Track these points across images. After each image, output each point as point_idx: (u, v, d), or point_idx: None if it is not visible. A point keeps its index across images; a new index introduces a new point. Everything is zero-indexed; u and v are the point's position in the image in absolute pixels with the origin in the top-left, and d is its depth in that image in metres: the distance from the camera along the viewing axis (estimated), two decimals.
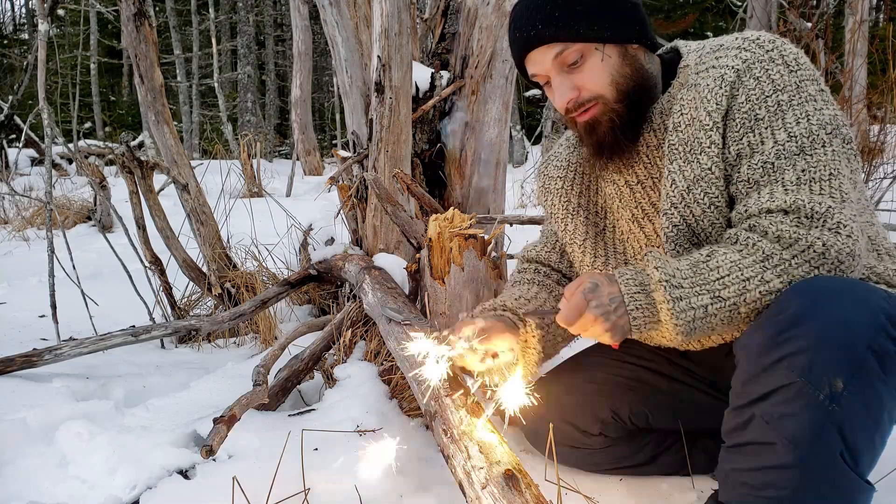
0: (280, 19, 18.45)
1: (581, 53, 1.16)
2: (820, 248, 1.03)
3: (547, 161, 1.47)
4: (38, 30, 2.61)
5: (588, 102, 1.19)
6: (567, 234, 1.39)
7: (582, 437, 1.45)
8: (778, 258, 1.04)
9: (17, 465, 1.49)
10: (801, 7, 5.56)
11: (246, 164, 6.33)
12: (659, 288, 1.07)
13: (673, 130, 1.18)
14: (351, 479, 1.34)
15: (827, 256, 1.02)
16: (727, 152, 1.14)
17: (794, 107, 1.10)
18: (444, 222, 1.70)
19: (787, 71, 1.11)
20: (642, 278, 1.10)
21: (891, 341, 0.95)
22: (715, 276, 1.06)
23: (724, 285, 1.05)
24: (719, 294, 1.05)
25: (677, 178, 1.17)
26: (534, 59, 1.19)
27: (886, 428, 0.99)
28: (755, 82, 1.11)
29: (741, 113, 1.12)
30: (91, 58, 13.90)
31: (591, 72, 1.17)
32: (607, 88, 1.18)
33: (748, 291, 1.04)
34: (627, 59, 1.19)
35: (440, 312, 1.80)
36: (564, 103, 1.19)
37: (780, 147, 1.09)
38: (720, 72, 1.15)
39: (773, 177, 1.09)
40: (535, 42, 1.17)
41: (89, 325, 2.52)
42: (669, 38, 1.46)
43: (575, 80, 1.18)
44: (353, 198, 2.59)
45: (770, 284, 1.04)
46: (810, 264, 1.03)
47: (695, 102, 1.16)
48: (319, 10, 2.64)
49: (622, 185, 1.30)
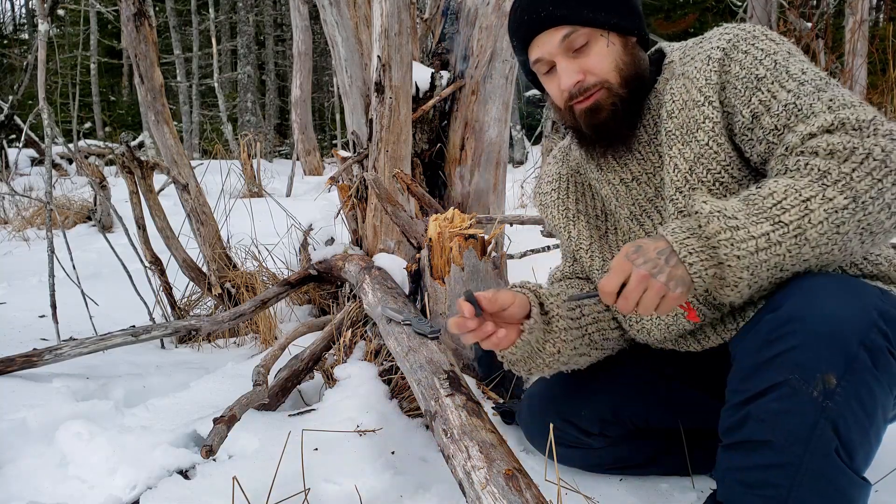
0: (280, 19, 18.45)
1: (588, 38, 1.17)
2: (880, 155, 0.95)
3: (539, 180, 1.48)
4: (38, 30, 2.61)
5: (592, 87, 1.19)
6: (573, 241, 1.39)
7: (582, 437, 1.45)
8: (837, 172, 0.96)
9: (17, 465, 1.49)
10: (801, 7, 5.56)
11: (246, 164, 6.33)
12: (712, 220, 0.97)
13: (667, 118, 1.19)
14: (351, 479, 1.34)
15: (889, 163, 0.95)
16: (741, 118, 1.11)
17: (792, 63, 1.09)
18: (444, 222, 1.70)
19: (774, 43, 1.11)
20: (690, 223, 1.01)
21: (882, 337, 0.95)
22: (770, 203, 0.97)
23: (783, 209, 0.96)
24: (780, 219, 0.95)
25: (678, 161, 1.16)
26: (540, 42, 1.19)
27: (881, 424, 0.99)
28: (744, 54, 1.11)
29: (739, 80, 1.11)
30: (91, 58, 13.90)
31: (598, 56, 1.18)
32: (612, 74, 1.18)
33: (811, 212, 0.94)
34: (628, 49, 1.20)
35: (440, 312, 1.81)
36: (570, 85, 1.19)
37: (795, 91, 1.06)
38: (706, 54, 1.15)
39: (802, 113, 1.04)
40: (546, 23, 1.17)
41: (89, 325, 2.52)
42: (669, 38, 1.46)
43: (581, 64, 1.18)
44: (353, 198, 2.59)
45: (835, 202, 0.95)
46: (873, 176, 0.95)
47: (685, 87, 1.17)
48: (319, 10, 2.65)
49: (617, 183, 1.31)
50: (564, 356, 1.30)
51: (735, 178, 1.14)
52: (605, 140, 1.25)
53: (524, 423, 1.54)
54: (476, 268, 1.78)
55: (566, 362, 1.33)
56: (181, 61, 14.94)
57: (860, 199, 0.95)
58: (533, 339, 1.25)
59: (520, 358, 1.28)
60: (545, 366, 1.30)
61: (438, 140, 2.65)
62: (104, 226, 5.04)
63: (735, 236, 0.95)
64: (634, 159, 1.27)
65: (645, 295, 1.00)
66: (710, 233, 0.97)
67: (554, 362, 1.30)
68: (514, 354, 1.26)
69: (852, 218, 0.95)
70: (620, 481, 1.48)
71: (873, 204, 0.95)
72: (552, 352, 1.28)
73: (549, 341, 1.27)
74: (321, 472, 1.37)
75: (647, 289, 1.00)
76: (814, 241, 0.95)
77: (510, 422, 1.70)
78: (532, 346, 1.26)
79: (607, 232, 1.37)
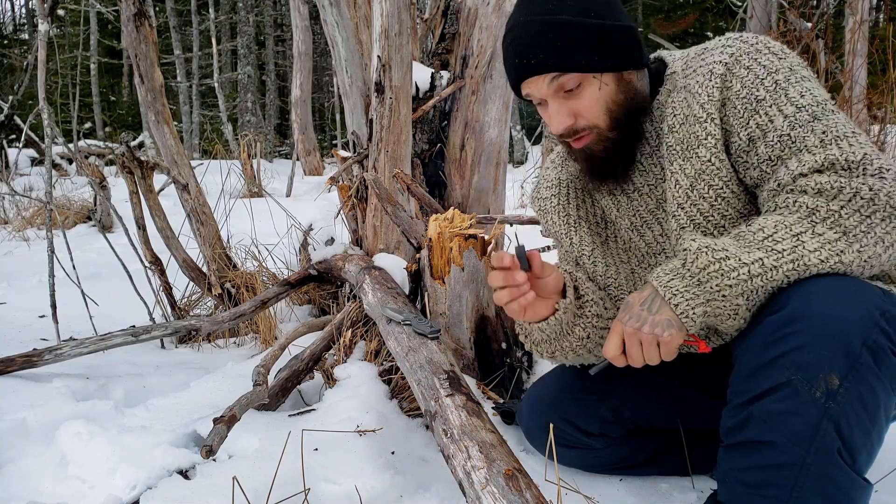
0: (280, 19, 18.45)
1: (580, 80, 1.15)
2: (867, 194, 0.97)
3: (537, 185, 1.47)
4: (38, 30, 2.61)
5: (582, 130, 1.19)
6: (574, 247, 1.39)
7: (582, 437, 1.45)
8: (825, 210, 0.98)
9: (17, 465, 1.49)
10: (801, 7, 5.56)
11: (246, 164, 6.33)
12: (700, 255, 1.01)
13: (669, 133, 1.19)
14: (351, 479, 1.34)
15: (877, 202, 0.97)
16: (738, 140, 1.12)
17: (793, 84, 1.09)
18: (444, 222, 1.70)
19: (777, 58, 1.11)
20: (674, 264, 1.04)
21: (885, 337, 0.95)
22: (761, 236, 1.00)
23: (776, 241, 0.99)
24: (773, 248, 0.98)
25: (679, 177, 1.17)
26: (531, 84, 1.18)
27: (883, 424, 0.99)
28: (746, 71, 1.11)
29: (740, 99, 1.11)
30: (91, 58, 13.90)
31: (589, 99, 1.16)
32: (602, 118, 1.18)
33: (804, 242, 0.98)
34: (622, 85, 1.18)
35: (440, 312, 1.81)
36: (561, 130, 1.19)
37: (792, 119, 1.06)
38: (708, 68, 1.15)
39: (795, 146, 1.06)
40: (535, 70, 1.15)
41: (89, 325, 2.52)
42: (669, 38, 1.47)
43: (571, 106, 1.17)
44: (353, 198, 2.59)
45: (825, 236, 0.98)
46: (861, 213, 0.98)
47: (686, 101, 1.16)
48: (319, 10, 2.64)
49: (619, 193, 1.31)
50: (592, 342, 1.31)
51: (735, 193, 1.15)
52: (600, 177, 1.26)
53: (524, 423, 1.54)
54: (476, 268, 1.78)
55: (591, 349, 1.32)
56: (181, 61, 14.94)
57: (850, 233, 0.98)
58: (565, 320, 1.26)
59: (547, 338, 1.28)
60: (570, 350, 1.31)
61: (438, 140, 2.65)
62: (104, 226, 5.04)
63: (724, 266, 0.99)
64: (637, 170, 1.27)
65: (643, 349, 1.05)
66: (698, 268, 1.01)
67: (580, 347, 1.30)
68: (543, 332, 1.26)
69: (849, 249, 0.98)
70: (620, 481, 1.48)
71: (865, 237, 0.98)
72: (581, 336, 1.29)
73: (580, 325, 1.29)
74: (321, 472, 1.37)
75: (641, 342, 1.05)
76: (815, 266, 0.98)
77: (510, 422, 1.70)
78: (563, 326, 1.26)
79: (607, 239, 1.37)
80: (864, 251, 0.98)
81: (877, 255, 0.99)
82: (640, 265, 1.33)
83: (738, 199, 1.15)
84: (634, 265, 1.34)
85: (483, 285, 1.83)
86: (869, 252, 0.99)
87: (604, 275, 1.36)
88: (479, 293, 1.84)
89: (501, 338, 1.94)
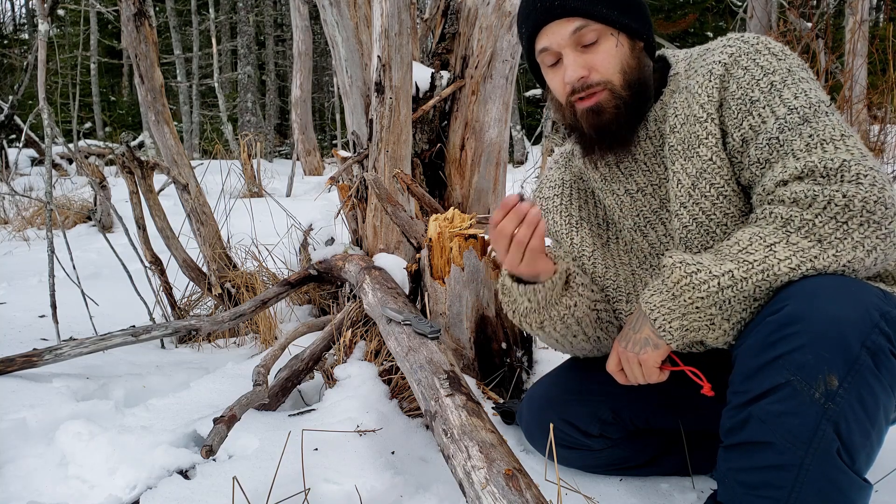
0: (280, 19, 18.45)
1: (598, 35, 1.17)
2: (841, 201, 0.99)
3: (540, 185, 1.48)
4: (38, 30, 2.61)
5: (596, 86, 1.19)
6: (575, 248, 1.39)
7: (582, 438, 1.45)
8: (799, 219, 1.01)
9: (17, 465, 1.49)
10: (801, 7, 5.56)
11: (246, 164, 6.33)
12: (675, 270, 1.05)
13: (670, 133, 1.19)
14: (351, 480, 1.34)
15: (852, 208, 0.98)
16: (732, 141, 1.13)
17: (789, 85, 1.10)
18: (444, 222, 1.70)
19: (776, 59, 1.12)
20: (656, 283, 1.09)
21: (884, 338, 0.95)
22: (736, 249, 1.04)
23: (749, 252, 1.02)
24: (745, 259, 1.01)
25: (681, 176, 1.17)
26: (551, 31, 1.18)
27: (882, 425, 0.99)
28: (744, 71, 1.12)
29: (735, 100, 1.12)
30: (91, 58, 13.89)
31: (605, 54, 1.17)
32: (616, 75, 1.18)
33: (775, 252, 1.00)
34: (635, 53, 1.20)
35: (440, 312, 1.81)
36: (574, 79, 1.18)
37: (782, 121, 1.08)
38: (708, 68, 1.16)
39: (782, 150, 1.07)
40: (559, 12, 1.16)
41: (89, 325, 2.52)
42: (669, 38, 1.47)
43: (587, 60, 1.18)
44: (353, 198, 2.59)
45: (798, 245, 1.00)
46: (836, 220, 0.99)
47: (687, 101, 1.17)
48: (319, 10, 2.64)
49: (622, 193, 1.31)
50: (580, 310, 1.32)
51: (737, 192, 1.16)
52: (606, 142, 1.24)
53: (524, 423, 1.54)
54: (476, 268, 1.78)
55: (580, 320, 1.33)
56: (181, 61, 14.94)
57: (825, 240, 0.99)
58: (554, 290, 1.28)
59: (535, 307, 1.29)
60: (559, 319, 1.32)
61: (438, 140, 2.64)
62: (104, 226, 5.04)
63: (695, 279, 1.03)
64: (640, 170, 1.27)
65: (644, 369, 1.12)
66: (672, 282, 1.05)
67: (569, 317, 1.31)
68: (531, 302, 1.28)
69: (823, 255, 0.99)
70: (620, 481, 1.48)
71: (842, 243, 0.99)
72: (569, 304, 1.31)
73: (567, 295, 1.31)
74: (321, 472, 1.37)
75: (636, 361, 1.11)
76: (785, 274, 1.00)
77: (510, 422, 1.70)
78: (551, 294, 1.28)
79: (609, 241, 1.37)
80: (840, 256, 0.99)
81: (858, 259, 1.00)
82: (641, 266, 1.33)
83: (739, 198, 1.15)
84: (635, 266, 1.34)
85: (483, 285, 1.83)
86: (847, 256, 0.99)
87: (603, 276, 1.36)
88: (479, 293, 1.84)
89: (501, 338, 1.94)
